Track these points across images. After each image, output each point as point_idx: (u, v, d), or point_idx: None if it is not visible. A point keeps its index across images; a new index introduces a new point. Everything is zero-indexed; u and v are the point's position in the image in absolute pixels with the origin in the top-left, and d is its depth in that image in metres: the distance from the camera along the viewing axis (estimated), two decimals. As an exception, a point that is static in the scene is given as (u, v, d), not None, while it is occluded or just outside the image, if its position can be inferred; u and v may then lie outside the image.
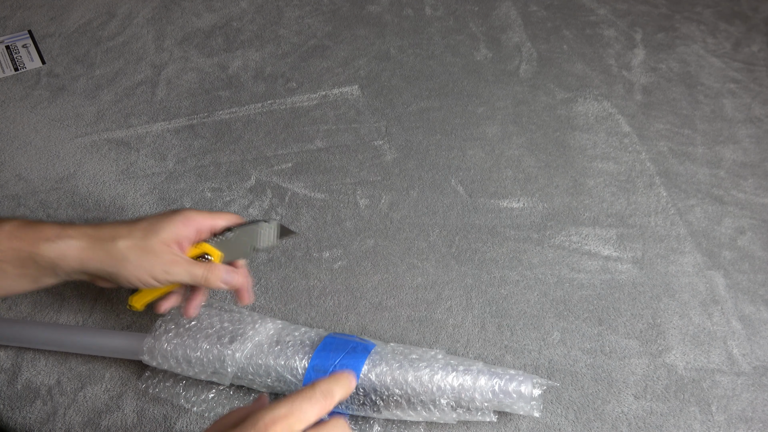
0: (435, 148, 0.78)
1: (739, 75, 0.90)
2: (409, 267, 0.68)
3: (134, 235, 0.47)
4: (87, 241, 0.46)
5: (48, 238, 0.46)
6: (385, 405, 0.53)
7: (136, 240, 0.47)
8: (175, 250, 0.49)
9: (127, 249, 0.47)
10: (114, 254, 0.46)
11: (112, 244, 0.46)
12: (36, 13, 0.91)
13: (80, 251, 0.46)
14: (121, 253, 0.46)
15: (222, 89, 0.83)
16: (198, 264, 0.50)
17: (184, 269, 0.49)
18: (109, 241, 0.47)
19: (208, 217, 0.51)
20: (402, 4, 0.96)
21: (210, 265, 0.50)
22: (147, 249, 0.47)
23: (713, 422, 0.58)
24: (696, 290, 0.67)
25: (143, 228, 0.48)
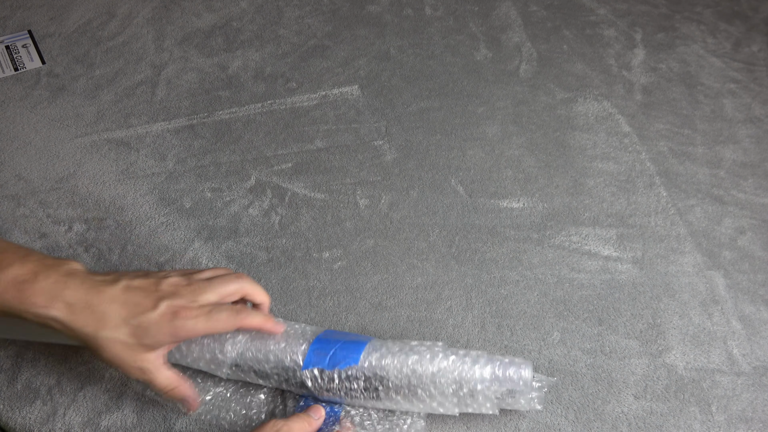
0: (435, 148, 0.78)
1: (739, 75, 0.90)
2: (409, 267, 0.68)
3: (120, 333, 0.47)
4: (71, 321, 0.47)
5: (36, 306, 0.46)
6: (385, 390, 0.52)
7: (119, 338, 0.47)
8: (152, 358, 0.49)
9: (108, 342, 0.47)
10: (92, 342, 0.47)
11: (93, 334, 0.47)
12: (36, 13, 0.91)
13: (63, 327, 0.47)
14: (99, 344, 0.47)
15: (222, 89, 0.83)
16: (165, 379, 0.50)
17: (150, 380, 0.50)
18: (91, 331, 0.47)
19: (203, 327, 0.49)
20: (402, 4, 0.96)
21: (176, 386, 0.51)
22: (127, 349, 0.48)
23: (713, 422, 0.58)
24: (696, 290, 0.67)
25: (133, 328, 0.47)
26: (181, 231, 0.69)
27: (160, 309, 0.47)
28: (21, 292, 0.46)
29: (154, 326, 0.47)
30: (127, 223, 0.69)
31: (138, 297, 0.48)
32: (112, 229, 0.69)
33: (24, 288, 0.46)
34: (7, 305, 0.46)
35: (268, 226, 0.70)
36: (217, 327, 0.48)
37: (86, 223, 0.69)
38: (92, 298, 0.47)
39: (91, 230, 0.69)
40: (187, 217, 0.70)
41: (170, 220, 0.70)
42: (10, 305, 0.46)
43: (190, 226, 0.70)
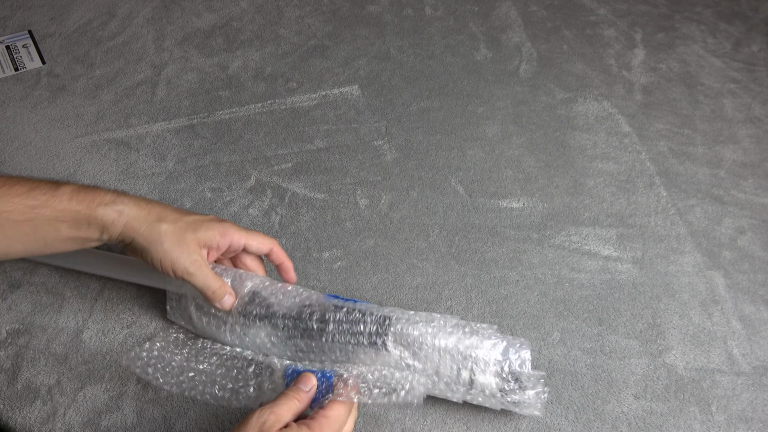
0: (435, 148, 0.78)
1: (739, 75, 0.90)
2: (409, 267, 0.68)
3: (177, 225, 0.52)
4: (137, 212, 0.51)
5: (104, 202, 0.50)
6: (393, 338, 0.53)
7: (176, 229, 0.51)
8: (203, 254, 0.54)
9: (166, 233, 0.51)
10: (153, 233, 0.51)
11: (156, 223, 0.51)
12: (36, 13, 0.91)
13: (128, 219, 0.51)
14: (160, 234, 0.51)
15: (222, 89, 0.83)
16: (214, 278, 0.54)
17: (202, 276, 0.53)
18: (154, 220, 0.51)
19: (244, 236, 0.55)
20: (402, 4, 0.96)
21: (222, 285, 0.55)
22: (182, 241, 0.52)
23: (713, 422, 0.58)
24: (696, 290, 0.67)
25: (187, 221, 0.52)
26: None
27: (209, 215, 0.55)
28: (88, 193, 0.50)
29: (207, 222, 0.53)
30: (127, 223, 0.69)
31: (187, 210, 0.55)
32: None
33: (90, 190, 0.50)
34: (75, 209, 0.49)
35: (268, 226, 0.70)
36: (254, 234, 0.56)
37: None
38: (149, 200, 0.53)
39: (91, 230, 0.69)
40: (187, 217, 0.70)
41: (170, 220, 0.70)
42: (78, 209, 0.49)
43: (190, 226, 0.70)
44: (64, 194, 0.49)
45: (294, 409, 0.47)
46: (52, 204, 0.49)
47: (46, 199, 0.49)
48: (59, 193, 0.49)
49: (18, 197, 0.48)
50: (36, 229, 0.49)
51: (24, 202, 0.48)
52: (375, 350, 0.53)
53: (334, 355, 0.54)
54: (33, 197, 0.49)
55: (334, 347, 0.54)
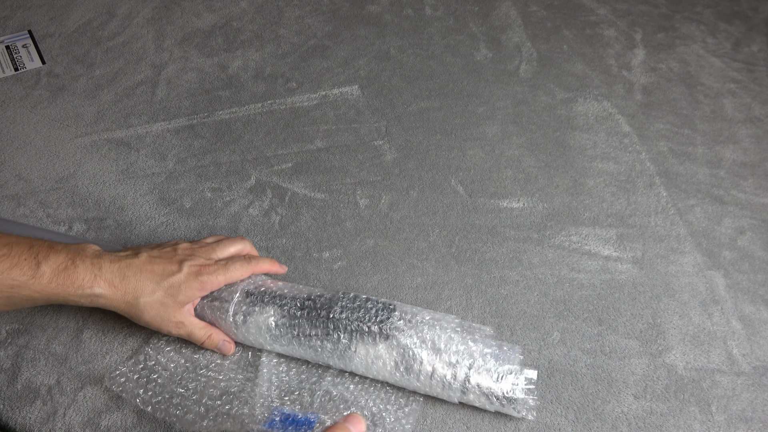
0: (435, 148, 0.78)
1: (739, 75, 0.90)
2: (409, 267, 0.68)
3: (155, 297, 0.54)
4: (112, 293, 0.53)
5: (82, 287, 0.52)
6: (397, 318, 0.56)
7: (154, 302, 0.54)
8: (185, 312, 0.56)
9: (146, 306, 0.54)
10: (132, 309, 0.54)
11: (134, 300, 0.54)
12: (36, 13, 0.91)
13: (105, 301, 0.53)
14: (139, 309, 0.54)
15: (222, 89, 0.83)
16: (200, 329, 0.57)
17: (186, 333, 0.57)
18: (131, 299, 0.54)
19: (222, 279, 0.57)
20: (402, 4, 0.96)
21: (211, 333, 0.58)
22: (162, 309, 0.55)
23: (713, 422, 0.58)
24: (696, 290, 0.67)
25: (165, 289, 0.54)
26: (181, 231, 0.69)
27: (184, 270, 0.55)
28: (65, 278, 0.51)
29: (184, 284, 0.54)
30: (127, 223, 0.69)
31: (162, 264, 0.55)
32: (112, 229, 0.69)
33: (67, 274, 0.52)
34: (53, 293, 0.51)
35: (268, 226, 0.70)
36: (235, 275, 0.57)
37: (86, 223, 0.69)
38: (125, 271, 0.54)
39: (91, 230, 0.69)
40: (187, 217, 0.70)
41: (170, 220, 0.70)
42: (55, 292, 0.51)
43: (190, 226, 0.70)
44: (44, 275, 0.51)
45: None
46: (31, 286, 0.50)
47: (25, 280, 0.50)
48: (38, 275, 0.51)
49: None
50: (11, 301, 0.52)
51: (3, 281, 0.50)
52: (379, 334, 0.55)
53: (337, 336, 0.55)
54: (12, 277, 0.50)
55: (339, 329, 0.55)
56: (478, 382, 0.54)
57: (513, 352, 0.57)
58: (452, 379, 0.54)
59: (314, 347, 0.56)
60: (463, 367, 0.54)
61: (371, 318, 0.56)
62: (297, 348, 0.57)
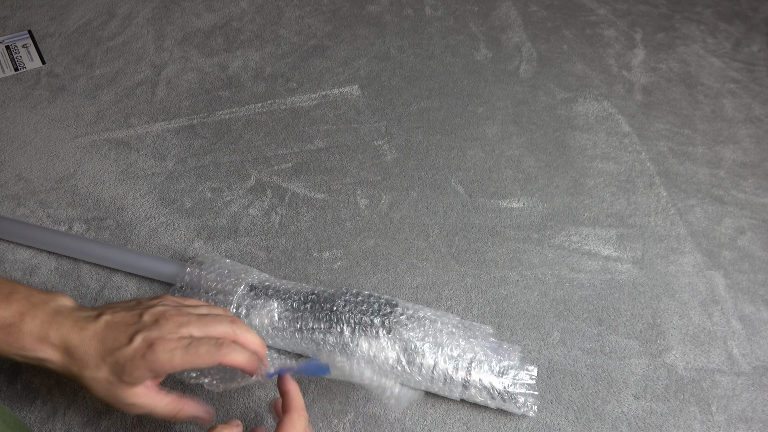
0: (435, 148, 0.78)
1: (739, 75, 0.90)
2: (409, 267, 0.68)
3: (101, 372, 0.46)
4: (60, 360, 0.46)
5: (25, 349, 0.46)
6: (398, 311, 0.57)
7: (101, 377, 0.46)
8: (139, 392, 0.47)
9: (93, 382, 0.46)
10: (82, 382, 0.47)
11: (80, 373, 0.46)
12: (36, 13, 0.91)
13: (54, 367, 0.46)
14: (87, 384, 0.46)
15: (222, 89, 0.83)
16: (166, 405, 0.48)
17: (148, 412, 0.47)
18: (77, 371, 0.46)
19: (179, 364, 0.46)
20: (402, 4, 0.96)
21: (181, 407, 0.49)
22: (112, 387, 0.46)
23: (713, 422, 0.58)
24: (696, 290, 0.67)
25: (110, 365, 0.45)
26: (181, 231, 0.69)
27: (134, 343, 0.45)
28: (8, 335, 0.45)
29: (129, 362, 0.45)
30: (127, 223, 0.69)
31: (115, 332, 0.46)
32: (112, 229, 0.69)
33: (11, 332, 0.45)
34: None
35: (268, 226, 0.70)
36: (195, 361, 0.45)
37: (86, 223, 0.69)
38: (75, 337, 0.46)
39: (91, 230, 0.69)
40: (187, 217, 0.70)
41: (170, 220, 0.70)
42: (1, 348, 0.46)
43: (190, 226, 0.70)
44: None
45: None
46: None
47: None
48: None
49: None
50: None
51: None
52: (381, 327, 0.55)
53: (339, 329, 0.56)
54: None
55: (341, 322, 0.55)
56: (480, 377, 0.55)
57: (513, 351, 0.57)
58: (454, 373, 0.54)
59: (316, 341, 0.56)
60: (465, 361, 0.55)
61: (374, 312, 0.56)
62: (299, 342, 0.57)
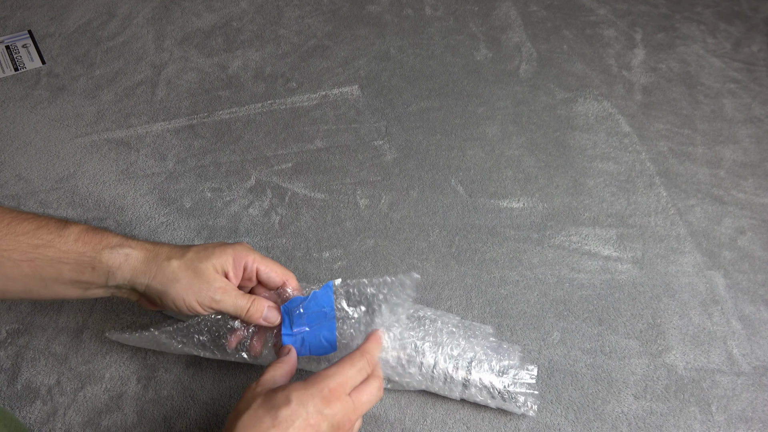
0: (435, 148, 0.78)
1: (739, 75, 0.90)
2: (409, 267, 0.68)
3: (187, 257, 0.48)
4: (144, 254, 0.48)
5: (110, 245, 0.48)
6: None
7: (188, 261, 0.48)
8: (223, 278, 0.49)
9: (180, 269, 0.48)
10: (166, 272, 0.48)
11: (166, 262, 0.48)
12: (36, 13, 0.91)
13: (136, 262, 0.48)
14: (173, 272, 0.48)
15: (222, 89, 0.83)
16: (243, 296, 0.50)
17: (231, 299, 0.49)
18: (164, 260, 0.48)
19: (258, 258, 0.51)
20: (402, 4, 0.96)
21: (255, 299, 0.51)
22: (198, 272, 0.48)
23: (713, 422, 0.58)
24: (696, 290, 0.67)
25: (196, 250, 0.49)
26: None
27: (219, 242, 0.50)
28: (95, 235, 0.48)
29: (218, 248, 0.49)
30: (127, 223, 0.69)
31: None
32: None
33: (98, 232, 0.48)
34: (81, 251, 0.47)
35: (268, 225, 0.70)
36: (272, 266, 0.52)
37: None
38: (158, 243, 0.50)
39: (91, 230, 0.69)
40: (187, 217, 0.70)
41: (170, 220, 0.70)
42: (83, 251, 0.47)
43: (190, 226, 0.70)
44: (71, 234, 0.47)
45: (281, 372, 0.46)
46: (57, 244, 0.47)
47: (51, 238, 0.47)
48: (66, 233, 0.47)
49: (23, 236, 0.46)
50: (37, 269, 0.47)
51: (28, 240, 0.46)
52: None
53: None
54: (38, 236, 0.46)
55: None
56: (480, 376, 0.55)
57: (513, 350, 0.57)
58: (454, 372, 0.54)
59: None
60: (465, 360, 0.55)
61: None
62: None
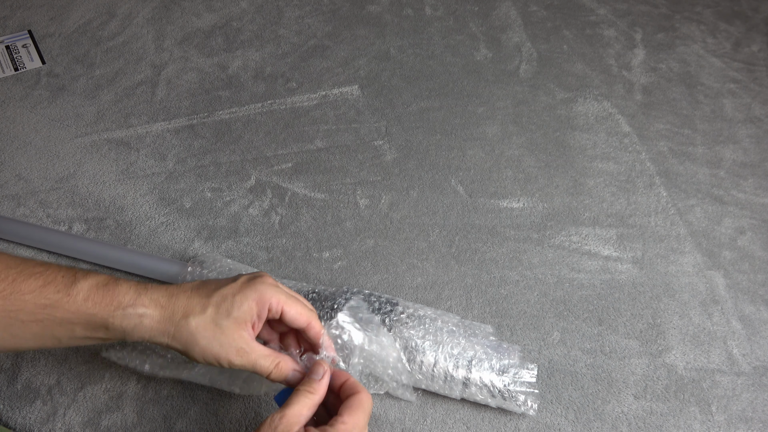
0: (435, 148, 0.78)
1: (739, 75, 0.90)
2: (409, 267, 0.68)
3: (207, 314, 0.46)
4: (160, 314, 0.46)
5: (122, 305, 0.45)
6: (400, 308, 0.57)
7: (208, 319, 0.46)
8: (246, 335, 0.47)
9: (198, 329, 0.46)
10: (184, 333, 0.46)
11: (184, 321, 0.45)
12: (36, 13, 0.91)
13: (152, 323, 0.46)
14: (191, 333, 0.46)
15: (222, 89, 0.83)
16: (266, 357, 0.48)
17: (251, 362, 0.47)
18: (181, 317, 0.46)
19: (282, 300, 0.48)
20: (402, 4, 0.96)
21: (279, 364, 0.48)
22: (219, 331, 0.46)
23: (713, 422, 0.58)
24: (696, 290, 0.67)
25: (216, 304, 0.46)
26: (181, 231, 0.69)
27: (238, 280, 0.47)
28: (106, 294, 0.45)
29: (237, 293, 0.46)
30: (127, 223, 0.69)
31: (216, 281, 0.48)
32: (112, 229, 0.69)
33: (109, 289, 0.45)
34: (91, 313, 0.44)
35: (268, 226, 0.70)
36: (295, 305, 0.48)
37: (86, 223, 0.69)
38: (174, 288, 0.47)
39: (91, 230, 0.69)
40: (187, 217, 0.70)
41: (170, 220, 0.70)
42: (93, 312, 0.44)
43: (190, 226, 0.70)
44: (79, 293, 0.44)
45: (308, 404, 0.45)
46: (65, 305, 0.44)
47: (58, 298, 0.44)
48: (74, 292, 0.44)
49: (29, 294, 0.44)
50: (47, 329, 0.44)
51: (35, 300, 0.44)
52: (382, 326, 0.55)
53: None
54: (44, 295, 0.44)
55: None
56: (480, 375, 0.55)
57: (513, 350, 0.57)
58: (454, 371, 0.54)
59: None
60: (465, 359, 0.55)
61: (374, 310, 0.56)
62: None
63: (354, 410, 0.45)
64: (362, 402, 0.46)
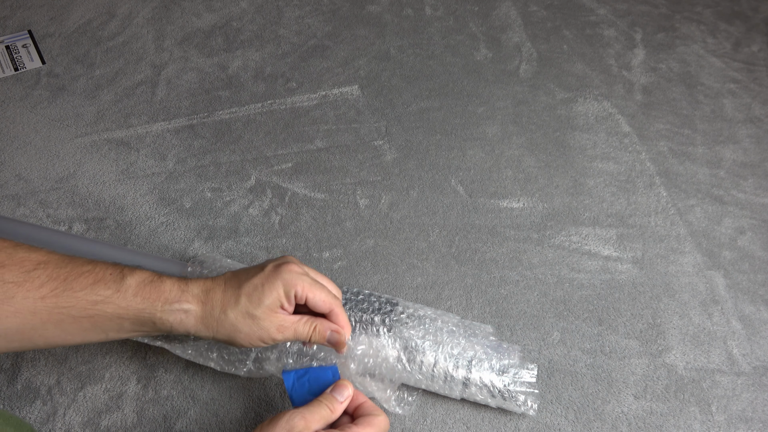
0: (435, 148, 0.78)
1: (739, 75, 0.90)
2: (409, 267, 0.68)
3: (241, 305, 0.48)
4: (201, 309, 0.48)
5: (169, 300, 0.47)
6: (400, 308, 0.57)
7: (243, 310, 0.48)
8: (281, 315, 0.50)
9: (237, 320, 0.48)
10: (226, 326, 0.48)
11: (223, 315, 0.48)
12: (36, 13, 0.91)
13: (195, 320, 0.48)
14: (232, 324, 0.48)
15: (222, 89, 0.83)
16: (304, 323, 0.51)
17: (291, 333, 0.50)
18: (220, 312, 0.48)
19: (308, 286, 0.50)
20: (402, 4, 0.96)
21: (317, 326, 0.51)
22: (255, 318, 0.49)
23: (713, 422, 0.58)
24: (696, 290, 0.67)
25: (248, 294, 0.49)
26: (181, 231, 0.69)
27: (265, 269, 0.50)
28: (153, 290, 0.47)
29: (265, 281, 0.49)
30: (127, 223, 0.69)
31: (245, 271, 0.51)
32: (112, 229, 0.69)
33: (155, 286, 0.47)
34: (139, 308, 0.47)
35: (268, 225, 0.70)
36: (319, 292, 0.50)
37: (86, 223, 0.69)
38: (210, 283, 0.49)
39: (91, 230, 0.69)
40: (187, 216, 0.70)
41: (170, 220, 0.70)
42: (141, 307, 0.47)
43: (190, 225, 0.70)
44: (129, 289, 0.46)
45: (325, 418, 0.47)
46: (116, 300, 0.46)
47: (109, 294, 0.46)
48: (123, 287, 0.46)
49: (80, 291, 0.45)
50: (97, 324, 0.46)
51: (86, 297, 0.45)
52: (382, 325, 0.56)
53: None
54: (96, 292, 0.46)
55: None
56: (480, 375, 0.55)
57: (513, 350, 0.57)
58: (454, 371, 0.54)
59: None
60: (465, 359, 0.55)
61: (375, 310, 0.56)
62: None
63: (368, 425, 0.47)
64: (380, 423, 0.48)
